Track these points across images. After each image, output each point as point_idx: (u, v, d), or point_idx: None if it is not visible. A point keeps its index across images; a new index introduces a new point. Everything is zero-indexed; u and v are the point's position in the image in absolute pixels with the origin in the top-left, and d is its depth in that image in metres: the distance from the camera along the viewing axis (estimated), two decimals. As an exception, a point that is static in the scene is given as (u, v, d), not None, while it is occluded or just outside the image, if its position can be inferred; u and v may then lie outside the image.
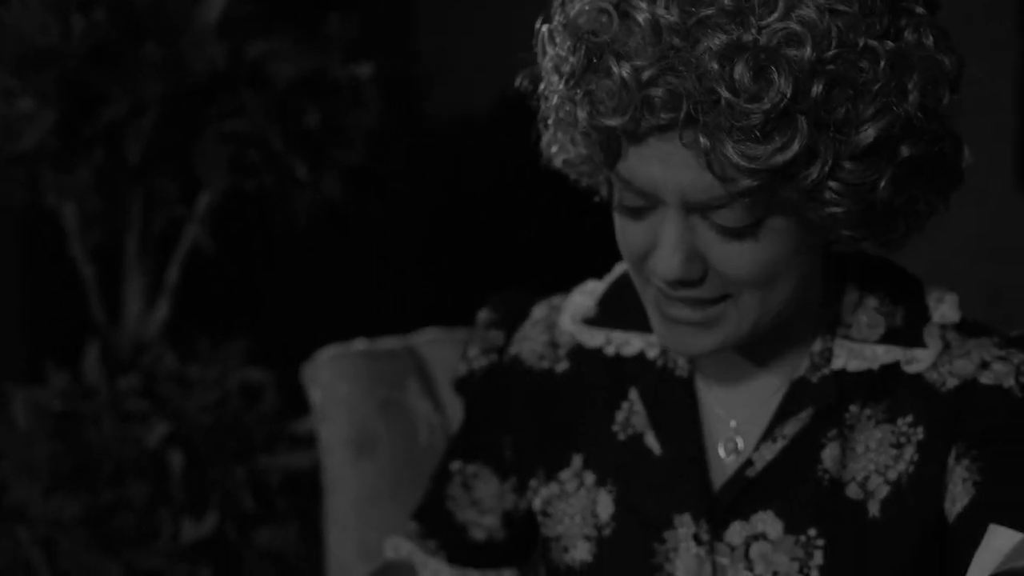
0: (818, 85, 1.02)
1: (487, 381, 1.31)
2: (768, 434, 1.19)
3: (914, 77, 1.06)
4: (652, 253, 1.11)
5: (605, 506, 1.23)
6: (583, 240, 2.41)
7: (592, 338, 1.27)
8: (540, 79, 1.15)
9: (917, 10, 1.07)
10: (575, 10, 1.09)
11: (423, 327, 1.74)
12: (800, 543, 1.17)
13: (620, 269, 1.30)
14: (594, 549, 1.23)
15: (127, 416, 1.87)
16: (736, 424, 1.21)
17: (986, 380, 1.16)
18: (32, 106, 1.82)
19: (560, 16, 1.11)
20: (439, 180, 3.65)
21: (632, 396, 1.25)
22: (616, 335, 1.26)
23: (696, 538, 1.19)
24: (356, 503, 1.61)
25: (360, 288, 3.38)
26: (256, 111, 1.79)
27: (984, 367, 1.17)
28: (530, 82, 1.17)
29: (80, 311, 2.09)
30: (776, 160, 1.03)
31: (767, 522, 1.18)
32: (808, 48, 1.02)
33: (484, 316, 1.34)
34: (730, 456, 1.20)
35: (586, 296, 1.30)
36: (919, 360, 1.18)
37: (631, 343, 1.25)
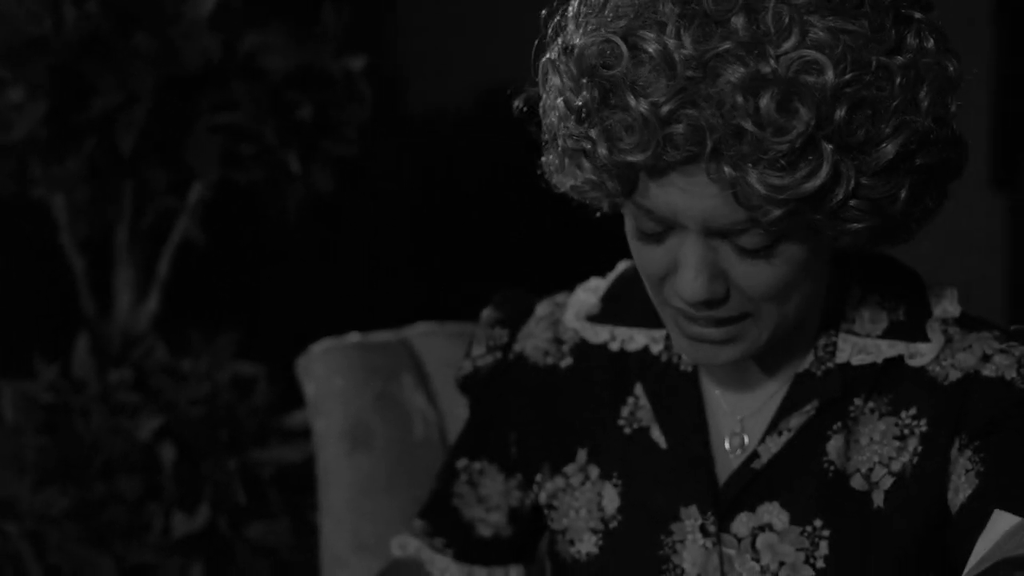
0: (840, 110, 1.03)
1: (492, 379, 1.32)
2: (773, 427, 1.19)
3: (924, 88, 1.06)
4: (673, 274, 1.12)
5: (611, 499, 1.24)
6: (573, 235, 2.42)
7: (596, 334, 1.28)
8: (537, 99, 1.14)
9: (916, 15, 1.08)
10: (580, 41, 1.07)
11: (413, 321, 1.74)
12: (806, 534, 1.18)
13: (623, 266, 1.31)
14: (600, 542, 1.24)
15: (118, 409, 1.86)
16: (741, 418, 1.22)
17: (988, 372, 1.17)
18: (23, 96, 1.81)
19: (559, 44, 1.10)
20: (429, 175, 3.66)
21: (637, 391, 1.25)
22: (620, 331, 1.27)
23: (703, 529, 1.20)
24: (351, 496, 1.61)
25: (350, 282, 3.37)
26: (249, 104, 1.78)
27: (986, 360, 1.18)
28: (525, 103, 1.16)
29: (70, 304, 2.07)
30: (804, 189, 1.04)
31: (773, 513, 1.18)
32: (828, 73, 1.02)
33: (488, 314, 1.34)
34: (736, 450, 1.21)
35: (590, 293, 1.30)
36: (922, 354, 1.19)
37: (635, 339, 1.26)
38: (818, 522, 1.17)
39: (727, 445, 1.22)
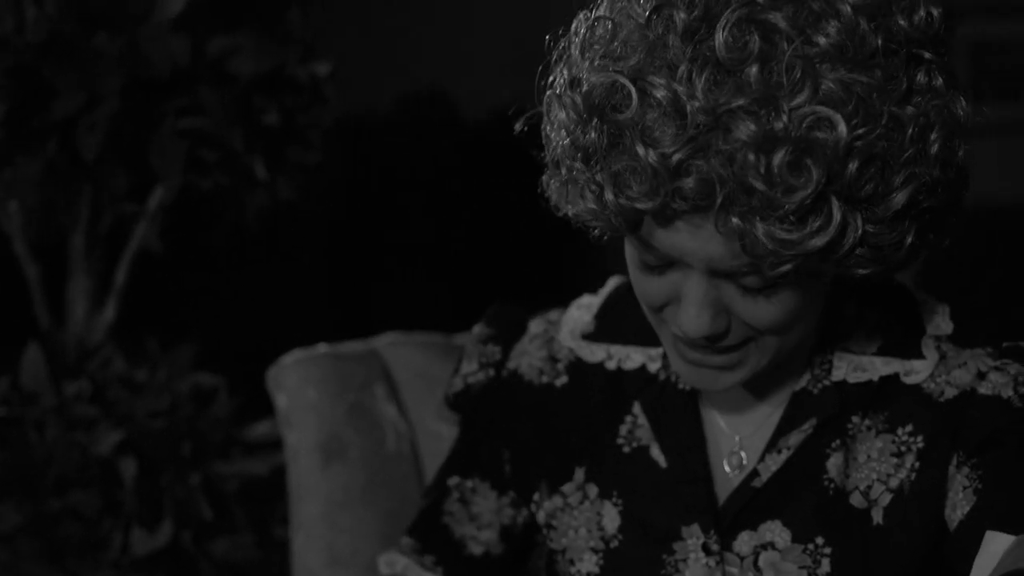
0: (851, 165, 1.02)
1: (485, 396, 1.30)
2: (772, 445, 1.20)
3: (934, 134, 1.06)
4: (674, 305, 1.11)
5: (611, 518, 1.23)
6: (551, 240, 2.40)
7: (592, 353, 1.27)
8: (540, 118, 1.12)
9: (926, 55, 1.07)
10: (588, 77, 1.05)
11: (376, 331, 1.71)
12: (808, 551, 1.18)
13: (615, 282, 1.30)
14: (601, 561, 1.23)
15: (74, 422, 1.80)
16: (739, 438, 1.22)
17: (984, 391, 1.18)
18: (-19, 98, 1.75)
19: (565, 75, 1.08)
20: (386, 182, 3.63)
21: (635, 410, 1.25)
22: (616, 349, 1.26)
23: (706, 548, 1.20)
24: (326, 510, 1.58)
25: (310, 291, 3.34)
26: (216, 109, 1.74)
27: (981, 377, 1.19)
28: (525, 123, 1.14)
29: (23, 313, 2.01)
30: (813, 244, 1.03)
31: (775, 531, 1.19)
32: (840, 128, 1.01)
33: (479, 331, 1.33)
34: (735, 470, 1.21)
35: (583, 311, 1.30)
36: (917, 371, 1.20)
37: (632, 357, 1.26)
38: (820, 539, 1.18)
39: (726, 466, 1.21)
